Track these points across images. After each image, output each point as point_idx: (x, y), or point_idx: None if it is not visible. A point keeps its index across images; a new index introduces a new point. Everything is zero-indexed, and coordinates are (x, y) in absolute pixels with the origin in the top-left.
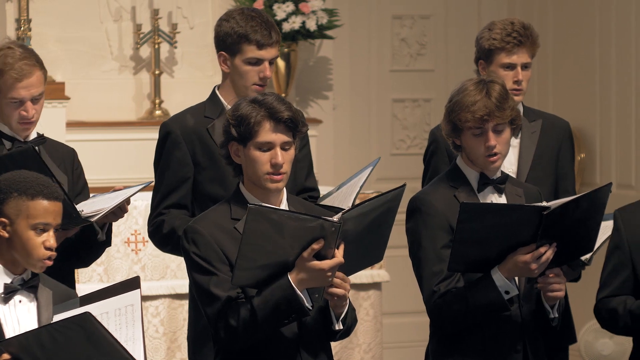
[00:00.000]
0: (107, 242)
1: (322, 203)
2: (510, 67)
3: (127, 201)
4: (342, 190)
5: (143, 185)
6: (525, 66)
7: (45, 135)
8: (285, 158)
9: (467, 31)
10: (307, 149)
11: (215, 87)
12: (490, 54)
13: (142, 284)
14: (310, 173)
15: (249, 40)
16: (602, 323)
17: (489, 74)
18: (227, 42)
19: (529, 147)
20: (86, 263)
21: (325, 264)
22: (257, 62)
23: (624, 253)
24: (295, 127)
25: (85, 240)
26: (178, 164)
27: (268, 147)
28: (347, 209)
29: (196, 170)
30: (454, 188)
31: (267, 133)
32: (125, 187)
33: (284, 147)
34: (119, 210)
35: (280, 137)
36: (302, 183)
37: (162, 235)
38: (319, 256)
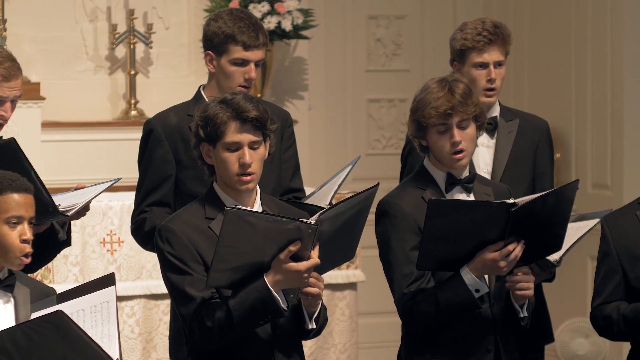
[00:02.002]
0: (67, 242)
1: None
2: (483, 65)
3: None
4: (323, 189)
5: (112, 182)
6: (498, 64)
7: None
8: (254, 157)
9: (443, 31)
10: (294, 149)
11: (200, 86)
12: (462, 54)
13: (118, 284)
14: (296, 174)
15: (235, 41)
16: (599, 330)
17: (464, 75)
18: (214, 41)
19: (505, 147)
20: (44, 263)
21: (302, 265)
22: (243, 63)
23: (613, 259)
24: (263, 126)
25: (46, 240)
26: (160, 162)
27: (236, 147)
28: (323, 210)
29: (178, 168)
30: (421, 189)
31: (234, 133)
32: (91, 185)
33: (252, 146)
34: (83, 210)
35: (247, 137)
36: (288, 184)
37: (144, 233)
38: (295, 257)
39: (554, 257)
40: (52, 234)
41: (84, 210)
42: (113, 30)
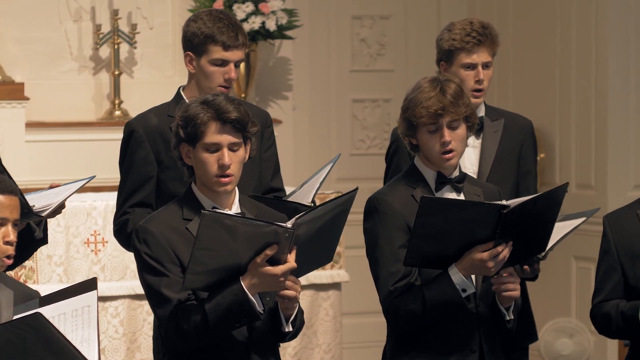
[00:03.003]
0: (44, 240)
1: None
2: (471, 67)
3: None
4: (304, 187)
5: (87, 180)
6: (486, 65)
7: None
8: (233, 159)
9: (427, 31)
10: (274, 149)
11: (180, 87)
12: (450, 54)
13: (102, 284)
14: (276, 173)
15: (215, 41)
16: (598, 328)
17: (451, 75)
18: (194, 42)
19: (491, 147)
20: (21, 261)
21: (279, 269)
22: (223, 63)
23: (613, 257)
24: (243, 127)
25: (23, 239)
26: (142, 163)
27: (215, 148)
28: (300, 213)
29: (159, 169)
30: (411, 188)
31: (214, 134)
32: (66, 184)
33: (232, 148)
34: (59, 208)
35: (227, 138)
36: (268, 183)
37: (127, 234)
38: (272, 260)
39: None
40: (28, 232)
41: (59, 208)
42: (97, 31)
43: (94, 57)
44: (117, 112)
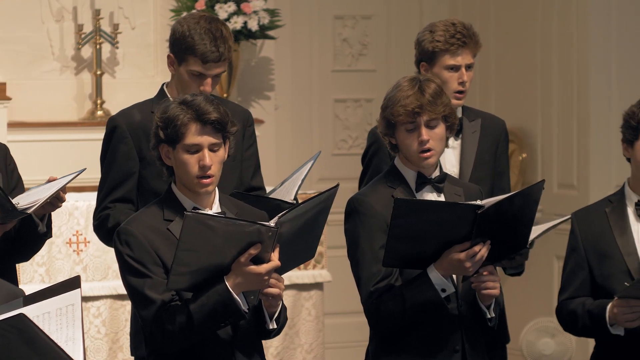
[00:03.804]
0: (48, 234)
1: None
2: (455, 68)
3: (63, 190)
4: (285, 185)
5: (77, 173)
6: (468, 67)
7: None
8: (213, 160)
9: (409, 31)
10: (254, 148)
11: (163, 84)
12: (433, 56)
13: (84, 284)
14: (256, 172)
15: (194, 54)
16: (564, 325)
17: (432, 76)
18: (176, 47)
19: (471, 147)
20: (27, 256)
21: (263, 268)
22: (200, 75)
23: (580, 255)
24: (223, 128)
25: (26, 234)
26: (124, 159)
27: (196, 149)
28: (283, 212)
29: (142, 165)
30: (391, 188)
31: (194, 135)
32: (61, 177)
33: (212, 148)
34: (56, 200)
35: (207, 139)
36: (248, 182)
37: (107, 229)
38: (255, 259)
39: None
40: (30, 226)
41: (56, 200)
42: (79, 31)
43: (76, 57)
44: (99, 112)
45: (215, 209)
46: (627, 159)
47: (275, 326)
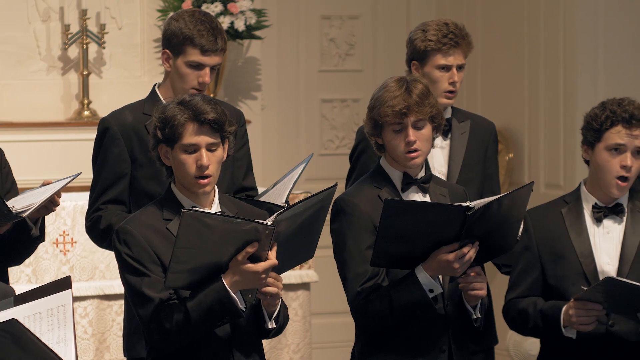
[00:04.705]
0: (41, 237)
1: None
2: (446, 68)
3: (57, 194)
4: (276, 187)
5: (72, 177)
6: (460, 67)
7: None
8: (211, 159)
9: (396, 32)
10: (246, 148)
11: (155, 85)
12: (425, 55)
13: None
14: (248, 172)
15: (193, 44)
16: (511, 324)
17: (423, 76)
18: (173, 41)
19: (459, 148)
20: (20, 260)
21: (260, 266)
22: (199, 66)
23: (533, 254)
24: (220, 128)
25: (19, 237)
26: (115, 160)
27: (193, 149)
28: (280, 210)
29: (133, 166)
30: (377, 188)
31: (192, 135)
32: (56, 181)
33: (210, 148)
34: (51, 204)
35: (204, 139)
36: (240, 182)
37: (100, 231)
38: (253, 257)
39: None
40: (24, 230)
41: (51, 204)
42: (66, 31)
43: (63, 57)
44: (86, 112)
45: (215, 208)
46: (585, 160)
47: (274, 325)
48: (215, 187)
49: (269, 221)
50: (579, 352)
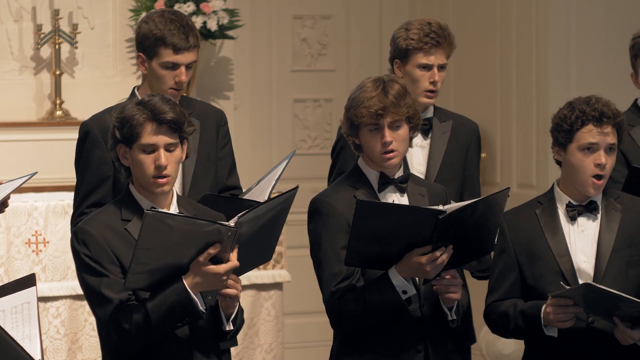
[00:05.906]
0: None
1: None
2: (427, 67)
3: (8, 196)
4: (260, 184)
5: (27, 177)
6: (441, 67)
7: None
8: (169, 160)
9: (368, 31)
10: (229, 147)
11: (134, 87)
12: (407, 53)
13: (43, 284)
14: (232, 171)
15: (165, 44)
16: (492, 327)
17: (405, 74)
18: (145, 44)
19: (439, 148)
20: None
21: (221, 268)
22: (174, 66)
23: (510, 256)
24: (179, 128)
25: None
26: (98, 164)
27: (152, 149)
28: (242, 212)
29: (115, 169)
30: (354, 189)
31: (150, 135)
32: (8, 181)
33: (168, 148)
34: (2, 206)
35: (163, 139)
36: (224, 181)
37: None
38: (214, 259)
39: None
40: None
41: (1, 206)
42: (38, 31)
43: (35, 57)
44: (59, 112)
45: (173, 209)
46: (556, 161)
47: (231, 327)
48: (174, 188)
49: (231, 223)
50: (562, 349)
